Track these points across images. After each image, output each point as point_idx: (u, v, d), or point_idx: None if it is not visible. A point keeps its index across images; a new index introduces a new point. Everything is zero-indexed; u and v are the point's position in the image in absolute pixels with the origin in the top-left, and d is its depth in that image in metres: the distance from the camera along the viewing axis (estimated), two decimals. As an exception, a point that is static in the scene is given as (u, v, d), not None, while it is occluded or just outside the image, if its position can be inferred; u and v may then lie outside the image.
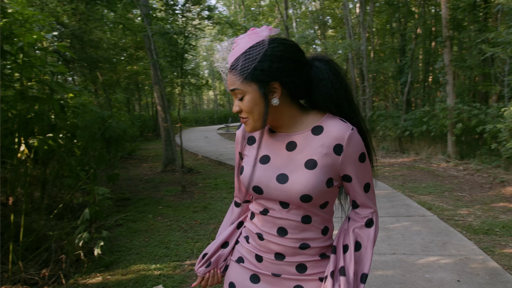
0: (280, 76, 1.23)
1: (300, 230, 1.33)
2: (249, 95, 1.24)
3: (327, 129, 1.27)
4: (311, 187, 1.24)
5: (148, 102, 26.39)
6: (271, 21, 20.98)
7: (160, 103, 10.26)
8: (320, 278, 1.36)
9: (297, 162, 1.28)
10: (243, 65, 1.22)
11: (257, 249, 1.42)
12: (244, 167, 1.40)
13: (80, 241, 4.07)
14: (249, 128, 1.31)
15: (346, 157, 1.27)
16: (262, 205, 1.38)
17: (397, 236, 4.71)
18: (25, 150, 3.78)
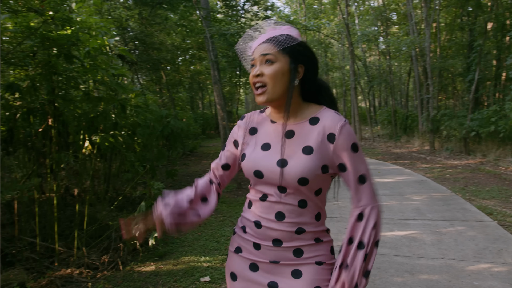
0: (308, 63, 1.43)
1: (296, 214, 1.41)
2: (280, 64, 1.38)
3: (323, 120, 1.41)
4: (308, 170, 1.34)
5: (211, 101, 27.15)
6: (332, 19, 20.76)
7: (219, 102, 10.57)
8: (316, 262, 1.42)
9: (295, 149, 1.38)
10: (285, 40, 1.39)
11: (255, 237, 1.48)
12: (246, 154, 1.50)
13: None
14: (265, 98, 1.40)
15: (338, 145, 1.37)
16: (261, 191, 1.46)
17: (449, 240, 4.56)
18: (89, 146, 4.13)
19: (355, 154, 1.38)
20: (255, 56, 1.42)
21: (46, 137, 4.45)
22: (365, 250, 1.36)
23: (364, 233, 1.38)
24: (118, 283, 3.87)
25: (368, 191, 1.41)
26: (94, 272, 4.12)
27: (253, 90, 1.45)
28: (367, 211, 1.39)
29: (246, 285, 1.50)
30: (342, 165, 1.39)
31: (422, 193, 6.98)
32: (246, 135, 1.55)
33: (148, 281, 3.89)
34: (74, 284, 3.89)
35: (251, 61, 1.44)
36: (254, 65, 1.42)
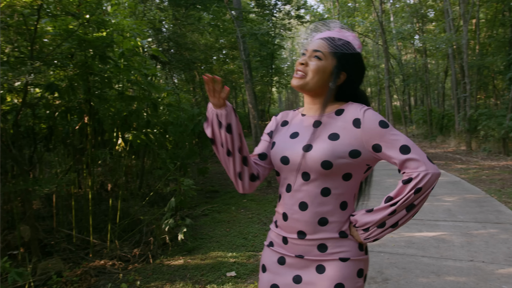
0: (352, 73, 1.51)
1: (319, 203, 1.43)
2: (325, 62, 1.48)
3: (347, 110, 1.48)
4: (331, 153, 1.38)
5: (244, 100, 27.32)
6: (366, 16, 20.45)
7: (251, 101, 10.68)
8: (341, 258, 1.43)
9: (322, 136, 1.44)
10: (341, 45, 1.48)
11: (283, 230, 1.54)
12: (275, 142, 1.58)
13: (166, 227, 4.53)
14: (300, 83, 1.50)
15: (365, 127, 1.40)
16: (287, 180, 1.51)
17: (480, 243, 4.47)
18: (122, 143, 4.31)
19: (386, 129, 1.39)
20: (308, 48, 1.53)
21: (83, 134, 4.67)
22: (395, 206, 1.36)
23: (401, 193, 1.37)
24: (148, 275, 4.02)
25: (419, 158, 1.36)
26: (125, 264, 4.30)
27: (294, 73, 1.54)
28: (418, 175, 1.34)
29: (272, 277, 1.56)
30: (376, 145, 1.39)
31: (455, 194, 6.83)
32: (278, 126, 1.66)
33: (176, 274, 4.03)
34: (106, 275, 4.07)
35: (304, 50, 1.54)
36: (305, 54, 1.52)
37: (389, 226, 1.40)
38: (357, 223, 1.45)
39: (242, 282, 3.81)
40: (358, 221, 1.44)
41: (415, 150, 1.37)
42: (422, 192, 1.35)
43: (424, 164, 1.35)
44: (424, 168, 1.35)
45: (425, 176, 1.34)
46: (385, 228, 1.41)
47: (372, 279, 3.66)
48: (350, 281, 1.42)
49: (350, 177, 1.44)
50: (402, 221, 1.40)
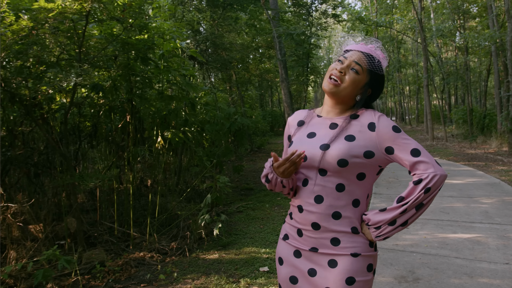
0: (376, 91, 1.67)
1: (334, 198, 1.55)
2: (361, 77, 1.60)
3: (362, 116, 1.61)
4: (347, 153, 1.51)
5: (280, 99, 27.40)
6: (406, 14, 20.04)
7: (286, 100, 10.77)
8: (352, 253, 1.54)
9: (339, 137, 1.56)
10: (377, 66, 1.62)
11: (298, 222, 1.64)
12: (293, 141, 1.69)
13: (202, 222, 4.70)
14: (333, 90, 1.61)
15: (380, 131, 1.54)
16: (304, 176, 1.63)
17: (517, 246, 4.39)
18: (161, 141, 4.51)
19: (398, 133, 1.53)
20: (348, 57, 1.62)
21: (124, 132, 4.91)
22: (406, 206, 1.48)
23: (412, 193, 1.49)
24: (185, 267, 4.20)
25: (428, 161, 1.50)
26: (163, 257, 4.50)
27: (326, 77, 1.65)
28: (427, 176, 1.47)
29: (291, 270, 1.67)
30: (389, 148, 1.53)
31: (493, 196, 6.67)
32: (295, 128, 1.76)
33: (211, 268, 4.18)
34: (145, 266, 4.28)
35: (343, 58, 1.63)
36: (342, 61, 1.62)
37: (399, 224, 1.52)
38: (370, 222, 1.55)
39: (274, 277, 3.92)
40: (370, 219, 1.55)
41: (425, 153, 1.51)
42: (431, 192, 1.48)
43: (433, 166, 1.49)
44: (433, 170, 1.48)
45: (434, 177, 1.47)
46: (396, 226, 1.52)
47: (403, 278, 3.68)
48: (360, 275, 1.53)
49: (364, 177, 1.56)
50: (411, 219, 1.51)
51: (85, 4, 3.23)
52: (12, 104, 3.81)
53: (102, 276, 3.97)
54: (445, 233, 4.91)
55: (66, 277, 3.94)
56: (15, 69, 3.49)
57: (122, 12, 3.44)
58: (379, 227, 1.53)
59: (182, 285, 3.80)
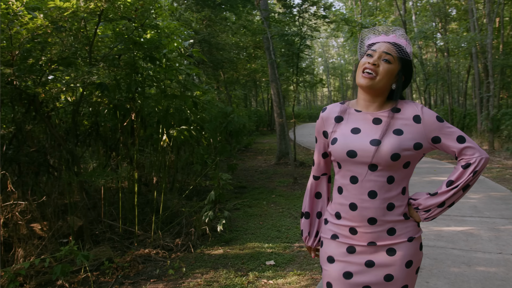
0: (408, 76, 1.70)
1: (386, 190, 1.60)
2: (393, 66, 1.63)
3: (404, 109, 1.65)
4: (399, 147, 1.56)
5: (264, 98, 27.56)
6: (388, 15, 20.46)
7: (276, 100, 10.90)
8: (408, 238, 1.63)
9: (388, 132, 1.60)
10: (407, 52, 1.66)
11: (351, 220, 1.65)
12: (337, 137, 1.67)
13: (206, 218, 4.78)
14: (368, 83, 1.62)
15: (425, 121, 1.61)
16: (351, 173, 1.64)
17: (507, 237, 4.62)
18: (166, 139, 4.57)
19: (442, 123, 1.61)
20: (377, 49, 1.64)
21: (124, 131, 4.95)
22: (456, 189, 1.60)
23: (462, 177, 1.61)
24: (191, 263, 4.28)
25: (473, 146, 1.61)
26: (169, 253, 4.57)
27: (359, 72, 1.66)
28: (475, 160, 1.59)
29: (344, 265, 1.67)
30: (436, 137, 1.61)
31: (480, 192, 6.94)
32: (333, 124, 1.74)
33: (218, 262, 4.28)
34: (152, 262, 4.35)
35: (371, 51, 1.65)
36: (372, 55, 1.64)
37: (447, 205, 1.64)
38: (421, 206, 1.65)
39: (281, 270, 4.04)
40: (421, 204, 1.65)
41: (469, 139, 1.62)
42: (477, 174, 1.61)
43: (478, 150, 1.61)
44: (479, 154, 1.60)
45: (481, 160, 1.60)
46: (444, 208, 1.64)
47: (407, 269, 3.85)
48: (416, 256, 1.65)
49: (409, 164, 1.62)
50: (457, 200, 1.64)
51: (99, 3, 3.28)
52: (20, 102, 3.82)
53: (111, 273, 4.02)
54: (439, 226, 5.12)
55: (75, 274, 3.98)
56: (25, 67, 3.52)
57: (135, 11, 3.50)
58: (429, 210, 1.64)
59: (192, 280, 3.88)
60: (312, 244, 1.91)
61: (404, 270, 1.62)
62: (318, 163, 1.87)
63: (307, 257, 4.36)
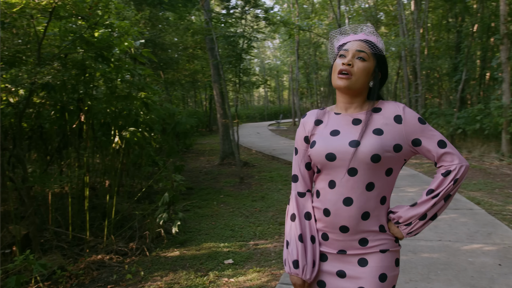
0: (384, 73, 1.64)
1: (364, 198, 1.50)
2: (368, 63, 1.56)
3: (384, 108, 1.58)
4: (379, 147, 1.47)
5: (202, 99, 27.41)
6: (323, 18, 21.22)
7: (219, 100, 10.92)
8: (381, 250, 1.53)
9: (367, 132, 1.52)
10: (380, 47, 1.60)
11: (324, 226, 1.59)
12: (316, 141, 1.59)
13: (161, 221, 4.72)
14: (346, 84, 1.53)
15: (407, 122, 1.53)
16: (330, 177, 1.55)
17: (444, 226, 5.03)
18: (119, 141, 4.46)
19: (424, 125, 1.53)
20: (349, 48, 1.57)
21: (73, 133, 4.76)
22: (437, 198, 1.49)
23: (442, 185, 1.49)
24: (148, 266, 4.21)
25: (453, 152, 1.51)
26: (123, 258, 4.46)
27: (334, 75, 1.58)
28: (455, 168, 1.49)
29: (317, 275, 1.61)
30: (416, 140, 1.52)
31: (416, 185, 7.46)
32: (312, 127, 1.66)
33: (176, 264, 4.25)
34: (107, 268, 4.22)
35: (343, 51, 1.57)
36: (345, 55, 1.56)
37: (429, 218, 1.52)
38: (401, 219, 1.53)
39: (240, 268, 4.10)
40: (402, 217, 1.53)
41: (449, 145, 1.53)
42: (458, 183, 1.50)
43: (458, 157, 1.51)
44: (459, 161, 1.50)
45: (461, 168, 1.50)
46: (426, 220, 1.52)
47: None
48: (390, 270, 1.54)
49: (391, 172, 1.53)
50: (440, 211, 1.53)
51: (51, 0, 3.14)
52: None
53: (65, 281, 3.85)
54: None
55: (24, 285, 3.76)
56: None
57: (89, 9, 3.38)
58: (410, 224, 1.52)
59: (152, 283, 3.83)
60: (310, 277, 1.59)
61: (378, 284, 1.51)
62: (302, 176, 1.70)
63: (264, 254, 4.46)
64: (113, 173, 4.81)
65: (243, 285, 3.71)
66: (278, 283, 3.63)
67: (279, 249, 4.61)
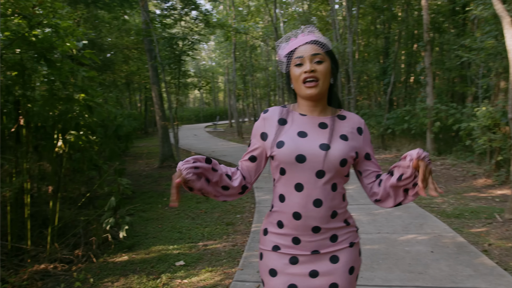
0: (336, 68, 1.67)
1: (330, 198, 1.57)
2: (326, 63, 1.59)
3: (349, 117, 1.68)
4: (347, 152, 1.57)
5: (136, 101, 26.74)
6: (258, 21, 21.57)
7: (158, 102, 10.77)
8: (350, 243, 1.64)
9: (334, 136, 1.59)
10: (328, 44, 1.63)
11: (294, 229, 1.60)
12: (284, 141, 1.58)
13: (107, 226, 4.62)
14: (318, 90, 1.58)
15: (365, 137, 1.67)
16: (296, 180, 1.58)
17: (381, 219, 5.40)
18: (62, 145, 4.31)
19: (371, 145, 1.72)
20: (303, 55, 1.58)
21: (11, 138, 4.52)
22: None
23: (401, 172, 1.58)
24: (97, 273, 4.12)
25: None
26: (69, 265, 4.31)
27: (299, 84, 1.61)
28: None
29: (288, 279, 1.60)
30: (368, 154, 1.68)
31: (353, 183, 7.76)
32: (276, 126, 1.65)
33: (126, 269, 4.19)
34: (52, 277, 4.06)
35: (297, 59, 1.59)
36: (301, 63, 1.59)
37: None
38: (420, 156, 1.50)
39: (192, 269, 4.14)
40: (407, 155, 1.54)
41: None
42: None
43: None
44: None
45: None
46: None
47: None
48: (357, 261, 1.67)
49: (348, 174, 1.65)
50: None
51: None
52: None
53: (7, 293, 3.67)
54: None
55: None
56: None
57: (33, 8, 3.25)
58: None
59: (103, 289, 3.75)
60: (186, 172, 1.56)
61: (348, 277, 1.61)
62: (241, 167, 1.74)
63: (214, 254, 4.52)
64: (56, 179, 4.63)
65: (197, 285, 3.75)
66: (233, 281, 3.72)
67: (229, 248, 4.69)
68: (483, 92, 9.84)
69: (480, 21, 9.57)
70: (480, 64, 9.21)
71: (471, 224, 5.23)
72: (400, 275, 3.70)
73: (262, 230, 1.73)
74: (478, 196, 6.81)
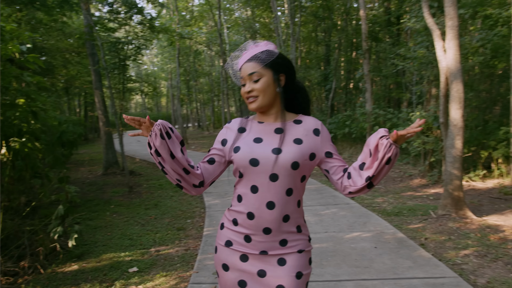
0: (287, 72, 1.72)
1: (284, 202, 1.63)
2: (265, 78, 1.65)
3: (305, 121, 1.74)
4: (299, 155, 1.62)
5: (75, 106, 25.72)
6: (201, 26, 21.57)
7: (101, 108, 10.51)
8: (298, 250, 1.68)
9: (287, 140, 1.66)
10: (266, 57, 1.66)
11: (247, 228, 1.68)
12: (240, 146, 1.68)
13: (55, 235, 4.49)
14: (256, 105, 1.68)
15: (323, 137, 1.72)
16: (252, 182, 1.66)
17: (328, 219, 5.66)
18: (6, 153, 4.14)
19: (332, 142, 1.76)
20: (243, 76, 1.68)
21: None
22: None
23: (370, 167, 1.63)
24: (46, 284, 4.00)
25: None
26: (14, 278, 4.14)
27: (245, 101, 1.73)
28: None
29: (238, 275, 1.70)
30: (329, 152, 1.72)
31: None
32: (235, 133, 1.76)
33: (77, 278, 4.10)
34: (-4, 291, 3.89)
35: (241, 79, 1.71)
36: (244, 83, 1.70)
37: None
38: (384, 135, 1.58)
39: (146, 274, 4.13)
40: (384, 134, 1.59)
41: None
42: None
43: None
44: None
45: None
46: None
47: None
48: (305, 268, 1.70)
49: (305, 178, 1.70)
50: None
51: None
52: None
53: (-51, 309, 3.47)
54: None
55: None
56: None
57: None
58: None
59: (54, 300, 3.66)
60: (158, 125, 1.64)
61: (295, 281, 1.65)
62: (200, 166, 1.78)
63: (167, 259, 4.53)
64: (-1, 188, 4.43)
65: (152, 290, 3.76)
66: (189, 284, 3.76)
67: (182, 253, 4.72)
68: (416, 98, 10.52)
69: (413, 32, 10.23)
70: (413, 72, 9.85)
71: (409, 221, 5.62)
72: (347, 270, 3.93)
73: (220, 224, 1.82)
74: (414, 195, 7.32)
